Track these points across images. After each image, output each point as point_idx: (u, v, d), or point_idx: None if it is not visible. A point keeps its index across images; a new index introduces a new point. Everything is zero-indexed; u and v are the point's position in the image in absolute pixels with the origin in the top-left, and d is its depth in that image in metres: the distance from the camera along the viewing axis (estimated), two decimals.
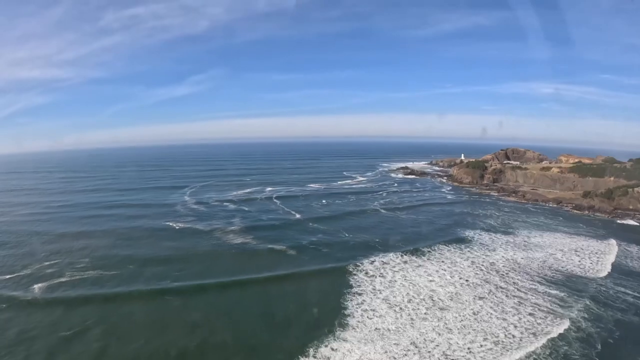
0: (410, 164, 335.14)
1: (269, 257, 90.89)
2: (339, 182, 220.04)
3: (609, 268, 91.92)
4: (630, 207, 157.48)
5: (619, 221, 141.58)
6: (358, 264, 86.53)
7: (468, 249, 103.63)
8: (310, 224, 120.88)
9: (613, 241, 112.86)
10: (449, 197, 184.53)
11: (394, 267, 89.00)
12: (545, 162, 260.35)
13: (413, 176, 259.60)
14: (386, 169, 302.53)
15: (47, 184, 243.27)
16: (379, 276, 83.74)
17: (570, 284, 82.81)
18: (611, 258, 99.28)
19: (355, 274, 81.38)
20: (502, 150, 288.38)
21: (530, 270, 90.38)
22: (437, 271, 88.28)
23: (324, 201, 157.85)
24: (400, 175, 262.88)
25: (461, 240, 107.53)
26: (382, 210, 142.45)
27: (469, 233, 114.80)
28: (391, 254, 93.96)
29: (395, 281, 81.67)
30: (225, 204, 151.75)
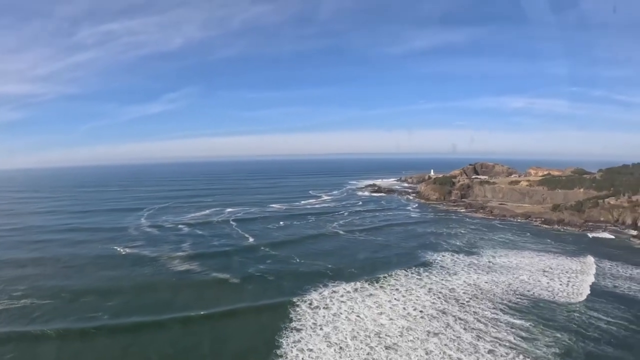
0: (379, 181, 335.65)
1: (210, 288, 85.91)
2: (303, 202, 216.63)
3: (586, 291, 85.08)
4: (602, 218, 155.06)
5: (590, 234, 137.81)
6: (304, 294, 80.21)
7: (427, 274, 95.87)
8: (263, 248, 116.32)
9: (591, 258, 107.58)
10: (414, 215, 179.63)
11: (342, 296, 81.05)
12: (514, 175, 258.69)
13: (380, 194, 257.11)
14: (354, 187, 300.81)
15: (3, 204, 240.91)
16: (324, 308, 75.64)
17: (538, 312, 75.32)
18: (588, 279, 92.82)
19: (298, 306, 74.96)
20: (470, 165, 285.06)
21: (494, 296, 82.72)
22: (389, 301, 79.91)
23: (281, 223, 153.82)
24: (366, 194, 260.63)
25: (421, 264, 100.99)
26: (341, 232, 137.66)
27: (430, 255, 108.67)
28: (342, 283, 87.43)
29: (341, 314, 73.33)
30: (180, 226, 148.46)
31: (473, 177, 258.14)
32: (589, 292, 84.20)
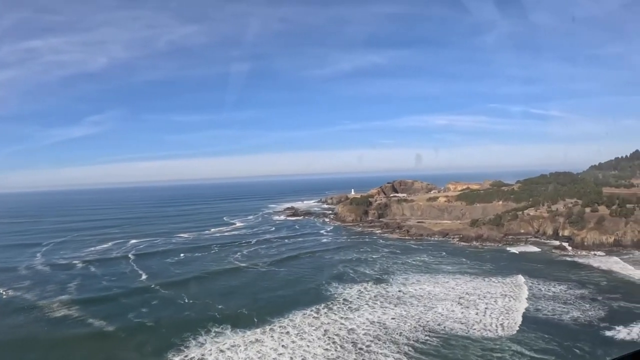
0: (299, 203, 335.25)
1: (77, 343, 75.37)
2: (213, 230, 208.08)
3: (504, 319, 76.30)
4: (522, 230, 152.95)
5: (511, 249, 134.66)
6: (181, 345, 70.44)
7: (326, 312, 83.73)
8: (153, 288, 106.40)
9: (513, 278, 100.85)
10: (325, 241, 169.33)
11: (223, 346, 69.43)
12: (434, 191, 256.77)
13: (296, 217, 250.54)
14: (271, 211, 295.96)
15: None
16: None
17: (448, 352, 63.05)
18: (508, 303, 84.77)
19: None
20: (388, 183, 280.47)
21: (399, 336, 71.13)
22: (274, 350, 67.27)
23: (182, 256, 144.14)
24: (282, 218, 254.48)
25: (321, 299, 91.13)
26: (243, 266, 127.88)
27: (334, 289, 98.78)
28: (228, 328, 76.85)
29: None
30: (74, 263, 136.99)
31: (391, 195, 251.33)
32: (508, 321, 74.92)
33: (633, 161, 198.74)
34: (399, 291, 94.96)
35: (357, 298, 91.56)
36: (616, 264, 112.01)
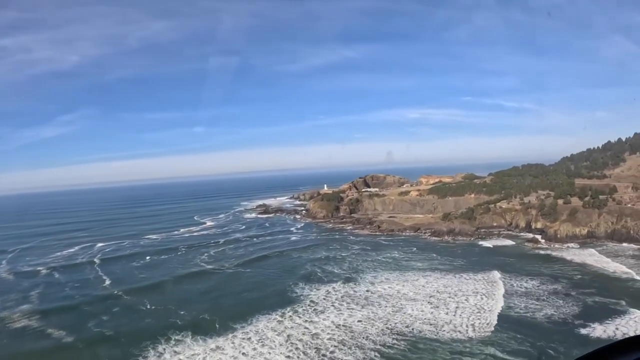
0: (271, 200, 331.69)
1: (32, 356, 72.72)
2: (182, 230, 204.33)
3: (474, 318, 73.38)
4: (494, 224, 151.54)
5: (483, 243, 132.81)
6: (139, 356, 67.73)
7: (291, 315, 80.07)
8: (116, 293, 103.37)
9: (485, 274, 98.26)
10: (295, 239, 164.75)
11: (183, 355, 66.55)
12: (406, 185, 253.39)
13: (267, 215, 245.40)
14: (242, 209, 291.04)
15: None
16: None
17: (417, 358, 58.75)
18: (478, 301, 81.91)
19: None
20: (360, 177, 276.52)
21: (366, 340, 67.82)
22: (234, 358, 64.19)
23: (148, 259, 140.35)
24: (253, 215, 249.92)
25: (287, 302, 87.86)
26: (208, 267, 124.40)
27: (300, 289, 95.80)
28: (189, 336, 73.42)
29: None
30: (39, 270, 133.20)
31: (363, 190, 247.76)
32: (479, 321, 72.03)
33: (605, 152, 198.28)
34: (367, 291, 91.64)
35: (324, 299, 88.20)
36: (590, 257, 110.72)
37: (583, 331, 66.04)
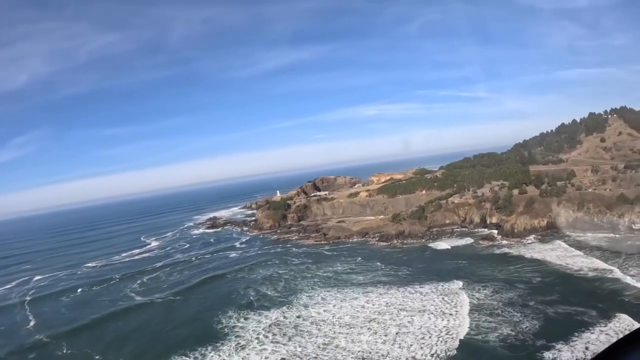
0: (224, 212, 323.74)
1: None
2: (123, 255, 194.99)
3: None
4: (447, 221, 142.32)
5: (434, 245, 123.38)
6: None
7: (212, 355, 71.98)
8: (37, 339, 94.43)
9: (431, 286, 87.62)
10: (235, 256, 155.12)
11: None
12: (358, 185, 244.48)
13: (215, 229, 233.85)
14: (192, 224, 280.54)
15: None
16: None
17: None
18: (426, 322, 71.07)
19: None
20: (309, 181, 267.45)
21: None
22: None
23: (79, 292, 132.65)
24: (201, 231, 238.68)
25: (210, 338, 79.53)
26: (137, 300, 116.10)
27: (227, 319, 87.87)
28: None
29: None
30: None
31: (312, 194, 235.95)
32: (422, 351, 62.38)
33: (559, 135, 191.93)
34: (299, 317, 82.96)
35: (251, 330, 79.92)
36: (552, 252, 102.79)
37: (547, 355, 54.47)
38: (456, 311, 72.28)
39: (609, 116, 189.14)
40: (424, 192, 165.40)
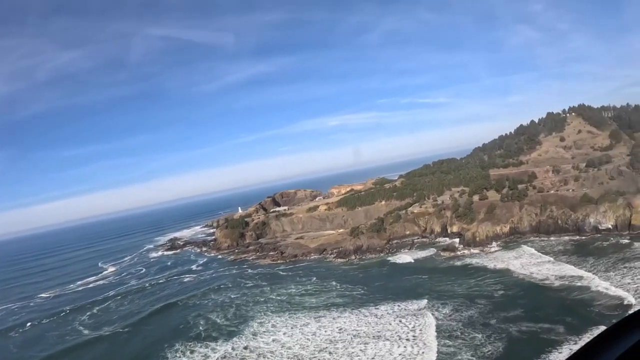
0: (185, 231, 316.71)
1: None
2: (79, 283, 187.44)
3: None
4: (407, 232, 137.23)
5: (392, 259, 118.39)
6: None
7: None
8: None
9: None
10: (189, 280, 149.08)
11: None
12: (318, 197, 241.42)
13: (174, 251, 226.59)
14: (152, 246, 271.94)
15: None
16: None
17: None
18: (390, 351, 64.34)
19: None
20: (269, 197, 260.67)
21: None
22: None
23: (28, 326, 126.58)
24: (159, 254, 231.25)
25: None
26: (84, 336, 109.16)
27: (175, 353, 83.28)
28: None
29: None
30: None
31: (272, 210, 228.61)
32: None
33: (518, 137, 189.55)
34: (246, 348, 78.02)
35: None
36: (515, 260, 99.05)
37: None
38: (413, 336, 66.16)
39: (568, 115, 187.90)
40: (383, 202, 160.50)
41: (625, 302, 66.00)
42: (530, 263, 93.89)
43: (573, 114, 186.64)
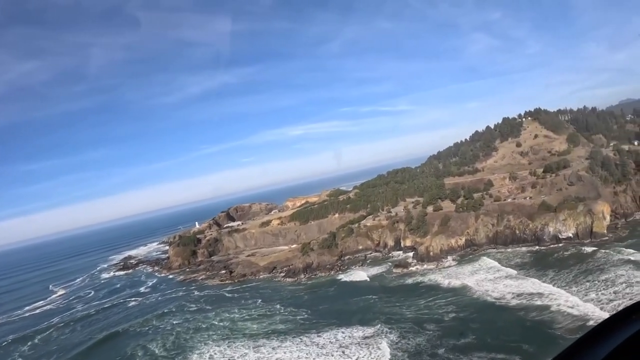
0: (141, 249, 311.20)
1: None
2: (26, 308, 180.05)
3: None
4: (360, 247, 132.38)
5: (343, 277, 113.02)
6: None
7: None
8: None
9: (361, 330, 75.48)
10: (135, 304, 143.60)
11: None
12: (274, 211, 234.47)
13: (126, 271, 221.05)
14: (106, 266, 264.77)
15: None
16: None
17: None
18: None
19: None
20: (223, 212, 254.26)
21: None
22: None
23: None
24: (111, 275, 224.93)
25: None
26: None
27: None
28: None
29: None
30: None
31: (226, 225, 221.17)
32: None
33: (474, 143, 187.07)
34: None
35: None
36: (470, 276, 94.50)
37: None
38: None
39: (524, 119, 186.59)
40: (337, 215, 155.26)
41: (591, 323, 59.37)
42: (487, 279, 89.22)
43: (529, 118, 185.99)
